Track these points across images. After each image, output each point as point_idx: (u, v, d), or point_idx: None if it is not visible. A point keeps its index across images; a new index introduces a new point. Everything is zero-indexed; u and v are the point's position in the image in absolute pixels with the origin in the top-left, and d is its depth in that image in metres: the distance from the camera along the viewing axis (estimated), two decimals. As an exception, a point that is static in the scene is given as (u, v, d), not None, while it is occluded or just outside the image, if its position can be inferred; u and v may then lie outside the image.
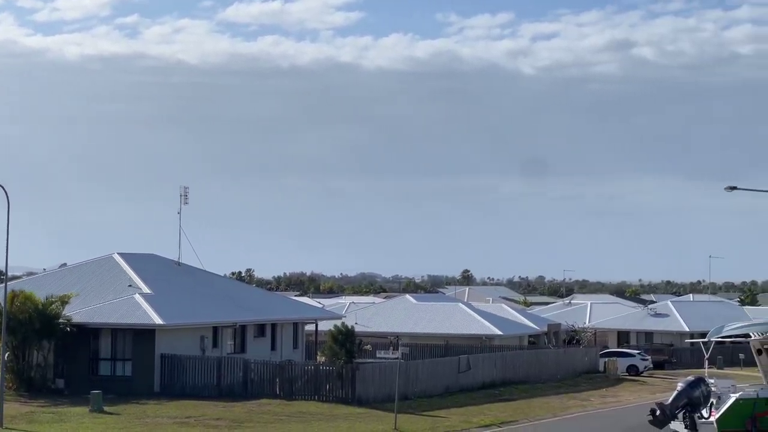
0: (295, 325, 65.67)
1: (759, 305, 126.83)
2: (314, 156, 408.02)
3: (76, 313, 53.35)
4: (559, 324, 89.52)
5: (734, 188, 57.94)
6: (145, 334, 52.50)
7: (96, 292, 57.24)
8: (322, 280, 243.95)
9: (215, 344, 57.00)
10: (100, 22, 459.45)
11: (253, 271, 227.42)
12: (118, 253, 62.69)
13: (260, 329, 61.78)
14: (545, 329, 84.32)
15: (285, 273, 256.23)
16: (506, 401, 54.68)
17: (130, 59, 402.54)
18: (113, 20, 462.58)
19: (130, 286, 57.65)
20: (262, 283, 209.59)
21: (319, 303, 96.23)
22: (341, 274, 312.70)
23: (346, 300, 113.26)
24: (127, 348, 52.96)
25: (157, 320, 52.34)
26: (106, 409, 44.88)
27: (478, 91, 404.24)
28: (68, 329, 52.30)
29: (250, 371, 52.44)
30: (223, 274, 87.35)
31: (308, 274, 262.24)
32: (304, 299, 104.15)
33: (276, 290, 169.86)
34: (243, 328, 59.66)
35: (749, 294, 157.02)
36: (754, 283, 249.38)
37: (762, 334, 40.70)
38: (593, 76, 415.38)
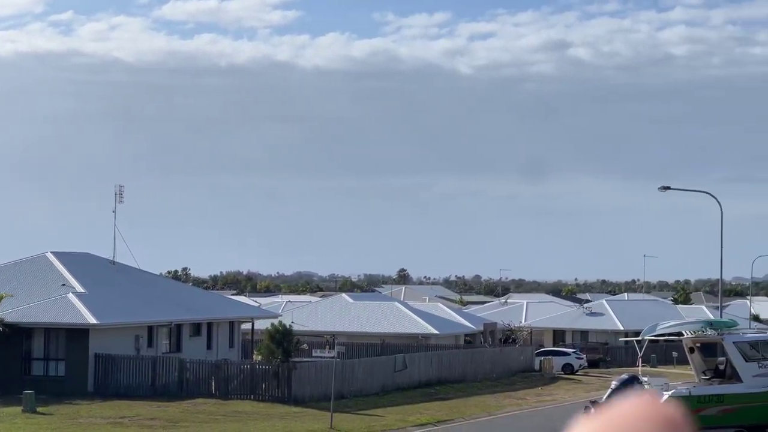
0: (232, 324, 65.38)
1: (692, 304, 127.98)
2: (251, 155, 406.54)
3: (8, 312, 52.75)
4: (495, 323, 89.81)
5: (668, 188, 58.59)
6: (78, 334, 52.03)
7: (29, 292, 56.61)
8: (259, 279, 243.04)
9: (150, 344, 56.60)
10: (35, 18, 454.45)
11: (190, 270, 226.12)
12: (51, 252, 62.03)
13: (196, 328, 61.44)
14: (481, 328, 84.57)
15: (222, 272, 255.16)
16: (442, 400, 54.78)
17: (65, 56, 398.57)
18: (47, 17, 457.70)
19: (63, 285, 57.08)
20: (199, 282, 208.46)
21: (256, 302, 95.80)
22: (278, 273, 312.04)
23: (282, 299, 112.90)
24: (61, 348, 52.46)
25: (91, 320, 51.89)
26: (39, 409, 44.43)
27: (415, 90, 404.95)
28: (0, 329, 51.70)
29: (186, 371, 52.14)
30: (158, 273, 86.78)
31: (245, 273, 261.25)
32: (241, 298, 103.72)
33: (212, 289, 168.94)
34: (179, 327, 59.31)
35: (683, 293, 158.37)
36: (687, 282, 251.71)
37: (694, 332, 41.10)
38: (530, 75, 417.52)
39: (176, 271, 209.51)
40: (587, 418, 1.27)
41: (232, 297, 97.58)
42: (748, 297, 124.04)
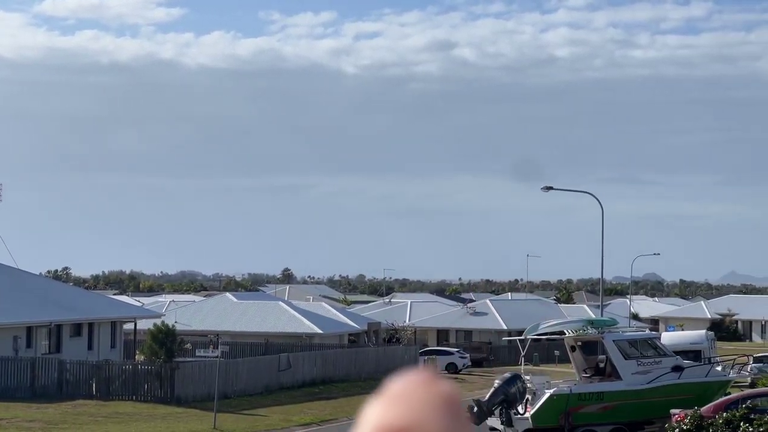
0: (114, 324, 64.59)
1: (574, 303, 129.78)
2: (134, 153, 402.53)
3: None
4: (380, 323, 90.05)
5: (550, 188, 59.24)
6: (-45, 335, 50.97)
7: None
8: (142, 279, 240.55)
9: (29, 344, 55.65)
10: None
11: (71, 269, 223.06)
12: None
13: (77, 329, 60.55)
14: (365, 328, 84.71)
15: (104, 271, 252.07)
16: (326, 399, 54.76)
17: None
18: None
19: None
20: (80, 282, 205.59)
21: (139, 302, 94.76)
22: (161, 272, 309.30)
23: (166, 298, 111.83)
24: (-63, 349, 51.34)
25: (-32, 320, 50.89)
26: None
27: (300, 89, 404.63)
28: None
29: (66, 372, 51.36)
30: (38, 273, 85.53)
31: (128, 272, 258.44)
32: (123, 298, 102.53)
33: (94, 289, 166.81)
34: (58, 327, 58.39)
35: (565, 292, 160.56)
36: (569, 281, 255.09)
37: (576, 331, 41.65)
38: (415, 75, 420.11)
39: (56, 271, 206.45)
40: (374, 400, 1.29)
41: (114, 297, 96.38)
42: (628, 296, 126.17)
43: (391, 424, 1.28)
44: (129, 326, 68.09)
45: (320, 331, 75.59)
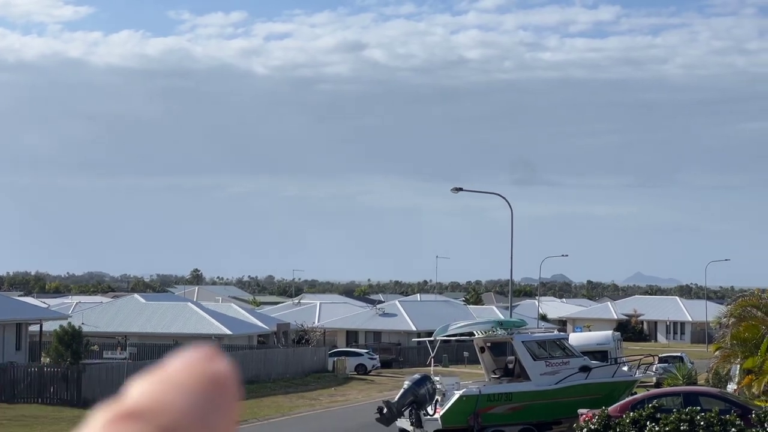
0: (19, 325, 63.64)
1: (483, 304, 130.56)
2: (40, 153, 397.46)
3: None
4: (289, 323, 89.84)
5: (460, 189, 59.52)
6: None
7: None
8: (48, 280, 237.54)
9: (-68, 346, 54.68)
10: None
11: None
12: None
13: (-19, 330, 59.58)
14: (275, 329, 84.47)
15: (8, 272, 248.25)
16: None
17: None
18: None
19: None
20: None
21: (44, 303, 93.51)
22: (68, 273, 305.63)
23: (72, 300, 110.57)
24: None
25: None
26: None
27: (210, 89, 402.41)
28: None
29: (-30, 374, 50.56)
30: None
31: (33, 273, 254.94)
32: (28, 299, 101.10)
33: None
34: (-38, 329, 57.44)
35: (474, 294, 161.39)
36: (478, 282, 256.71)
37: (485, 332, 41.90)
38: (325, 76, 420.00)
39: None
40: (141, 379, 1.27)
41: (19, 298, 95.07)
42: (537, 297, 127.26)
43: (129, 405, 1.24)
44: (34, 328, 67.16)
45: (229, 332, 75.21)
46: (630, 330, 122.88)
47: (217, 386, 1.28)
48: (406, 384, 38.45)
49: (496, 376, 41.89)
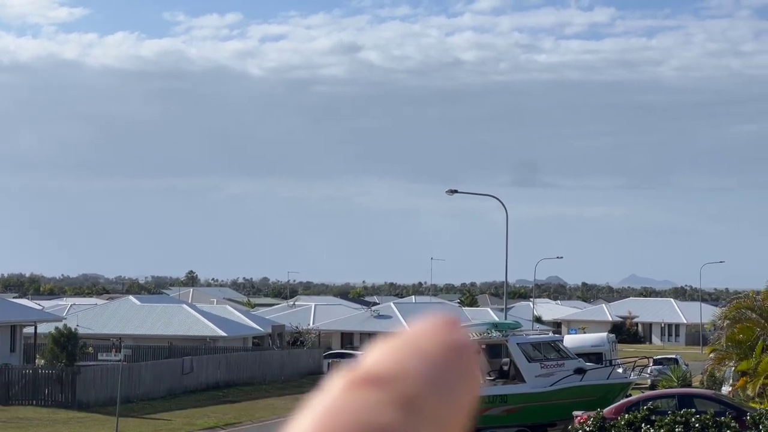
0: (13, 327, 63.61)
1: (478, 306, 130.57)
2: (35, 154, 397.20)
3: None
4: (284, 325, 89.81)
5: (455, 191, 59.56)
6: None
7: None
8: (43, 282, 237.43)
9: (-74, 348, 54.63)
10: None
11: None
12: None
13: (-25, 332, 59.54)
14: (269, 331, 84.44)
15: (3, 274, 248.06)
16: (230, 403, 54.50)
17: None
18: None
19: None
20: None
21: (39, 305, 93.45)
22: (62, 275, 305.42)
23: (67, 302, 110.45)
24: None
25: None
26: None
27: (205, 91, 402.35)
28: None
29: (-36, 376, 50.51)
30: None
31: (27, 275, 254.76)
32: (23, 301, 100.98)
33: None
34: (-43, 331, 57.38)
35: (469, 295, 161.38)
36: (473, 284, 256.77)
37: (480, 334, 41.87)
38: (321, 78, 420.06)
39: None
40: (388, 339, 1.24)
41: (14, 300, 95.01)
42: (532, 299, 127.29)
43: (370, 370, 1.23)
44: (29, 330, 67.12)
45: (224, 334, 75.17)
46: (625, 332, 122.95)
47: (460, 355, 1.21)
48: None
49: (491, 378, 41.88)
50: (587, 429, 32.04)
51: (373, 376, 1.22)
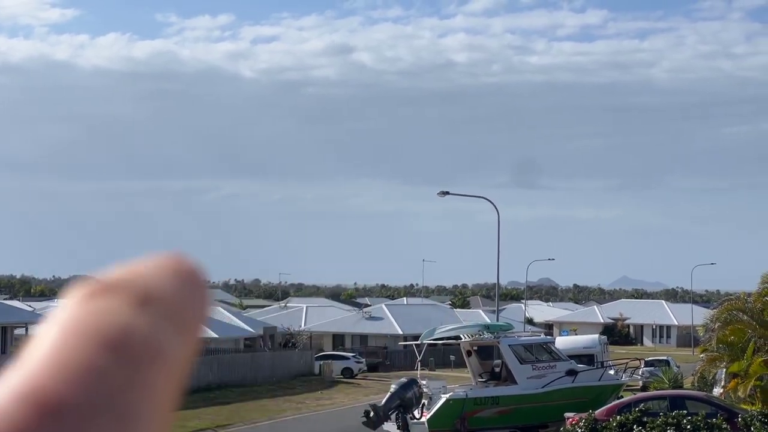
0: (4, 329, 63.55)
1: (470, 308, 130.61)
2: (26, 155, 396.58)
3: None
4: (275, 327, 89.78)
5: (447, 193, 59.56)
6: None
7: None
8: (34, 283, 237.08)
9: None
10: None
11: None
12: None
13: (-34, 334, 59.43)
14: (261, 332, 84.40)
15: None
16: (222, 404, 54.43)
17: None
18: None
19: None
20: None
21: (30, 306, 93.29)
22: (54, 276, 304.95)
23: (58, 303, 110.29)
24: None
25: None
26: None
27: (197, 92, 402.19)
28: None
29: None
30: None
31: (18, 276, 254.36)
32: (14, 303, 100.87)
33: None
34: (-52, 332, 57.26)
35: (460, 297, 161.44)
36: (465, 286, 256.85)
37: (472, 336, 41.93)
38: (313, 79, 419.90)
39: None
40: (121, 265, 1.29)
41: (5, 302, 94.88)
42: (523, 301, 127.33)
43: (104, 280, 1.27)
44: (20, 332, 67.05)
45: (215, 336, 75.09)
46: (616, 334, 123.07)
47: (190, 273, 1.28)
48: (393, 388, 38.43)
49: (483, 379, 41.90)
50: (579, 431, 32.04)
51: (107, 284, 1.25)
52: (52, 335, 1.28)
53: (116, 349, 1.21)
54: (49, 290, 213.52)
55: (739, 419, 31.19)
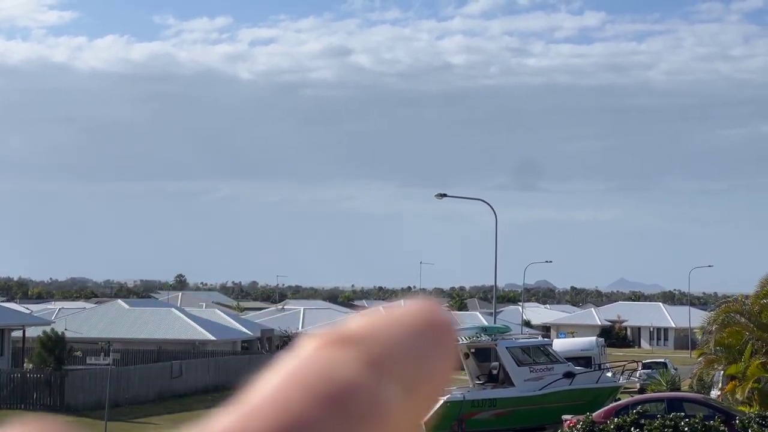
0: (1, 331, 63.47)
1: (467, 310, 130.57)
2: (22, 157, 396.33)
3: None
4: (273, 329, 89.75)
5: (444, 195, 59.54)
6: None
7: None
8: (31, 285, 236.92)
9: None
10: None
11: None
12: None
13: (-37, 336, 59.39)
14: (259, 335, 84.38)
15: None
16: (219, 407, 54.44)
17: None
18: None
19: None
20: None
21: (27, 309, 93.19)
22: (51, 278, 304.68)
23: (55, 305, 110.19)
24: None
25: None
26: None
27: (195, 95, 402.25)
28: None
29: (-49, 380, 50.35)
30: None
31: (15, 279, 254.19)
32: (11, 305, 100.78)
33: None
34: (-55, 334, 57.21)
35: (458, 299, 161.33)
36: (462, 288, 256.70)
37: (469, 338, 41.91)
38: (310, 81, 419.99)
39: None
40: (360, 314, 1.27)
41: (2, 304, 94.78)
42: (521, 303, 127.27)
43: (343, 332, 1.24)
44: (17, 334, 66.97)
45: (213, 338, 75.06)
46: (614, 336, 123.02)
47: (436, 329, 1.22)
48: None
49: (481, 382, 41.90)
50: (576, 433, 32.03)
51: (344, 337, 1.22)
52: (275, 381, 1.25)
53: (336, 405, 1.17)
54: (46, 292, 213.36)
55: (737, 421, 31.19)
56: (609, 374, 44.47)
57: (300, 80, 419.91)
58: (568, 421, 33.94)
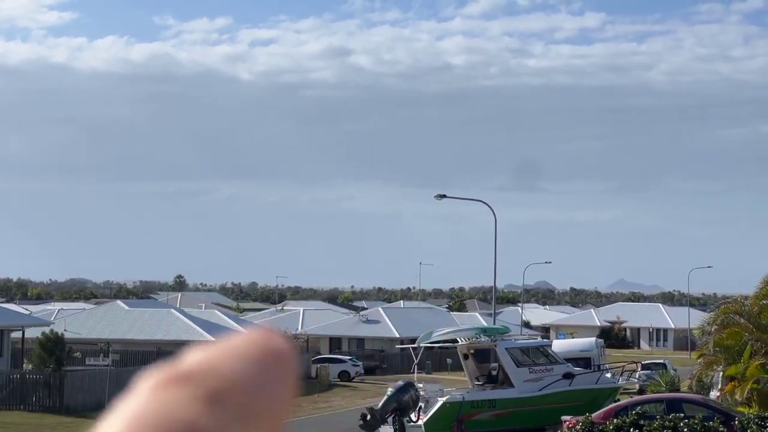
0: (0, 332, 63.44)
1: (466, 311, 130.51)
2: (21, 158, 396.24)
3: None
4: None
5: (444, 196, 59.52)
6: None
7: None
8: (31, 286, 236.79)
9: None
10: None
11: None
12: None
13: (-37, 337, 59.36)
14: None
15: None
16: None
17: None
18: None
19: None
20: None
21: (27, 309, 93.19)
22: (50, 279, 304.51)
23: (55, 306, 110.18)
24: None
25: None
26: None
27: (195, 95, 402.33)
28: None
29: (-48, 381, 50.34)
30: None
31: (15, 279, 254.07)
32: (10, 306, 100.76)
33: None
34: (-56, 335, 57.19)
35: (457, 300, 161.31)
36: (462, 289, 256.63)
37: (469, 339, 41.92)
38: (310, 82, 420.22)
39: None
40: (196, 348, 1.25)
41: (1, 305, 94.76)
42: (520, 304, 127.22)
43: (178, 369, 1.21)
44: (17, 335, 66.95)
45: (212, 339, 74.61)
46: (613, 337, 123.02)
47: (274, 358, 1.22)
48: (390, 391, 38.39)
49: (480, 382, 41.88)
50: (576, 434, 32.02)
51: (179, 375, 1.20)
52: (114, 428, 1.25)
53: None
54: (46, 293, 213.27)
55: (736, 422, 31.19)
56: (608, 375, 44.47)
57: (300, 81, 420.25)
58: (568, 422, 33.93)
